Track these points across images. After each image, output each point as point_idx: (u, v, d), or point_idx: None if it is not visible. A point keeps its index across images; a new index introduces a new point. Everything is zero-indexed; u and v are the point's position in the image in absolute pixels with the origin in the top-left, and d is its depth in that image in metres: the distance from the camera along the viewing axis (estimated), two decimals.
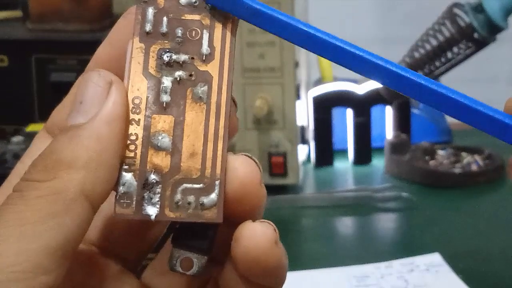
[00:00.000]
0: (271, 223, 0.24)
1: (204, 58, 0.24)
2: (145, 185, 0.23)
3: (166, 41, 0.24)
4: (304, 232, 0.71)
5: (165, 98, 0.23)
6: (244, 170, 0.23)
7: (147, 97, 0.23)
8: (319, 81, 0.88)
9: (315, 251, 0.66)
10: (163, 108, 0.23)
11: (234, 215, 0.23)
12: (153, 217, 0.23)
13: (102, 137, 0.22)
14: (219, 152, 0.23)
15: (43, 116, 0.78)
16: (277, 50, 0.72)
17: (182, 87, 0.24)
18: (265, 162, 0.74)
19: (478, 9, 0.71)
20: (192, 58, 0.24)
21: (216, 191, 0.23)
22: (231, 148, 0.25)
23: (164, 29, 0.24)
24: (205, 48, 0.24)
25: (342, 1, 1.29)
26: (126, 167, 0.23)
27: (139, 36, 0.24)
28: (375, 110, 0.83)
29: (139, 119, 0.23)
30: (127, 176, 0.23)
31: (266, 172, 0.75)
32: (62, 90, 0.85)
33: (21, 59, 0.78)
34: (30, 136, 0.66)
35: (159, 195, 0.23)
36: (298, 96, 0.75)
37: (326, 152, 0.83)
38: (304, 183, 0.79)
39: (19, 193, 0.22)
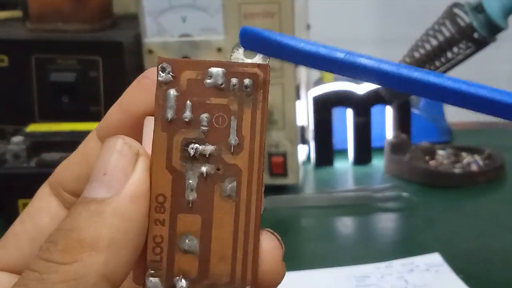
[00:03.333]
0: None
1: (232, 150, 0.22)
2: None
3: (190, 130, 0.22)
4: (304, 232, 0.71)
5: (191, 196, 0.22)
6: (267, 247, 0.22)
7: (172, 195, 0.22)
8: (319, 81, 0.88)
9: (315, 251, 0.66)
10: (189, 207, 0.22)
11: None
12: None
13: (127, 216, 0.21)
14: (250, 256, 0.22)
15: (43, 116, 0.78)
16: None
17: (209, 183, 0.22)
18: (265, 162, 0.74)
19: (478, 9, 0.71)
20: (219, 149, 0.22)
21: None
22: None
23: (188, 115, 0.22)
24: (233, 139, 0.22)
25: (342, 1, 1.29)
26: (152, 271, 0.22)
27: (161, 125, 0.22)
28: (375, 110, 0.83)
29: (163, 219, 0.22)
30: (154, 281, 0.22)
31: (266, 172, 0.75)
32: (62, 90, 0.86)
33: (21, 59, 0.78)
34: (30, 136, 0.66)
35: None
36: (298, 96, 0.75)
37: (326, 152, 0.83)
38: (304, 183, 0.79)
39: (37, 275, 0.20)
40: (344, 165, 0.84)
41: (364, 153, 0.84)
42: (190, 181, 0.22)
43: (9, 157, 0.62)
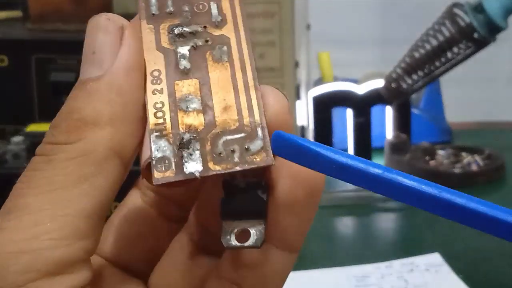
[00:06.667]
0: None
1: (217, 24, 0.23)
2: (182, 145, 0.21)
3: (175, 19, 0.23)
4: None
5: (184, 63, 0.22)
6: (274, 99, 0.22)
7: (166, 67, 0.22)
8: (319, 81, 0.87)
9: (315, 251, 0.66)
10: (184, 74, 0.22)
11: None
12: (197, 173, 0.20)
13: (123, 89, 0.21)
14: (254, 101, 0.21)
15: (43, 116, 0.78)
16: (277, 50, 0.72)
17: (200, 52, 0.22)
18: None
19: (478, 9, 0.71)
20: (205, 27, 0.22)
21: (260, 135, 0.21)
22: None
23: (170, 9, 0.23)
24: (215, 16, 0.23)
25: (342, 1, 1.29)
26: (157, 133, 0.21)
27: (146, 19, 0.23)
28: (375, 110, 0.83)
29: (161, 88, 0.21)
30: (160, 142, 0.21)
31: None
32: (62, 90, 0.86)
33: (21, 59, 0.78)
34: (30, 136, 0.65)
35: (198, 151, 0.20)
36: (298, 96, 0.75)
37: None
38: None
39: (45, 158, 0.20)
40: None
41: (364, 153, 0.84)
42: (182, 52, 0.22)
43: (9, 157, 0.62)
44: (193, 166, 0.20)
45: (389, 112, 0.84)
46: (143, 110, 0.21)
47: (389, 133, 0.84)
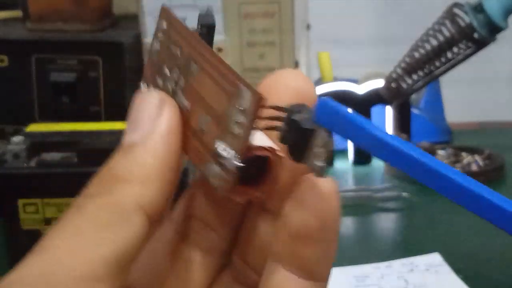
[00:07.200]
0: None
1: (179, 53, 0.25)
2: (218, 156, 0.23)
3: (164, 80, 0.26)
4: None
5: (186, 103, 0.24)
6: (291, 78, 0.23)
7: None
8: (319, 81, 0.87)
9: None
10: (191, 112, 0.24)
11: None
12: (236, 163, 0.22)
13: (157, 152, 0.23)
14: (229, 75, 0.23)
15: (43, 116, 0.78)
16: (277, 50, 0.72)
17: (187, 87, 0.24)
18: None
19: (478, 9, 0.72)
20: (171, 65, 0.25)
21: (243, 87, 0.22)
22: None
23: (160, 81, 0.26)
24: (174, 52, 0.25)
25: (342, 1, 1.29)
26: (202, 165, 0.23)
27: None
28: (375, 110, 0.83)
29: (189, 135, 0.24)
30: (209, 167, 0.23)
31: None
32: (62, 90, 0.86)
33: (21, 59, 0.78)
34: (30, 136, 0.65)
35: (228, 148, 0.23)
36: None
37: None
38: None
39: (76, 207, 0.22)
40: (344, 165, 0.84)
41: (364, 153, 0.84)
42: (179, 98, 0.24)
43: (9, 157, 0.62)
44: (231, 162, 0.22)
45: (389, 112, 0.84)
46: (175, 173, 0.23)
47: (389, 133, 0.84)
